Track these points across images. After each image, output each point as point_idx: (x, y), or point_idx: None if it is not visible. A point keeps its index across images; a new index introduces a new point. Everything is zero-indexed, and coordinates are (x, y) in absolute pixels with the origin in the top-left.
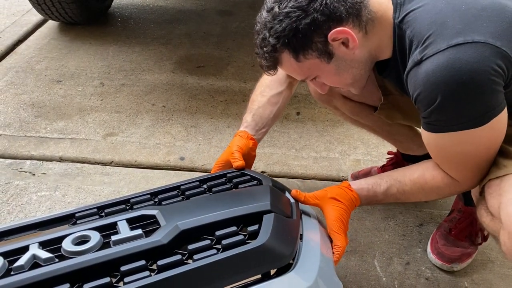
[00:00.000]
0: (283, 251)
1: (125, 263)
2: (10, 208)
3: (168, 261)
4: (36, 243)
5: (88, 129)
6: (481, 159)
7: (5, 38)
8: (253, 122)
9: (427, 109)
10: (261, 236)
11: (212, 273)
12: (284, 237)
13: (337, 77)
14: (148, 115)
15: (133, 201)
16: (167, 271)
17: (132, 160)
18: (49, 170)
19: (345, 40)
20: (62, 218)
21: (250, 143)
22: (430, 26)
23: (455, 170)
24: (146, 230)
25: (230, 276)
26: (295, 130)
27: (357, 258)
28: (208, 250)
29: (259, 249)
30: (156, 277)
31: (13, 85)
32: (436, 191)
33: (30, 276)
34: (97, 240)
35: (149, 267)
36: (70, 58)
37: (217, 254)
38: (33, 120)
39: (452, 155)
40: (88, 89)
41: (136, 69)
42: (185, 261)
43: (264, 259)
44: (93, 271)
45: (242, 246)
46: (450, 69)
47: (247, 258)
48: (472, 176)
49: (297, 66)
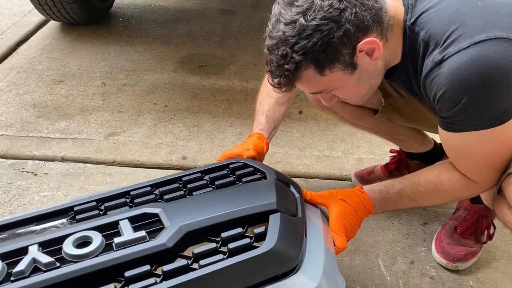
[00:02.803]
0: (291, 253)
1: (129, 268)
2: (12, 209)
3: (173, 266)
4: (36, 244)
5: (90, 129)
6: (503, 158)
7: (6, 38)
8: (267, 125)
9: (452, 108)
10: (268, 239)
11: (219, 280)
12: (291, 238)
13: (356, 88)
14: (150, 115)
15: (134, 193)
16: (173, 279)
17: (135, 160)
18: (51, 170)
19: (370, 50)
20: (60, 212)
21: (264, 148)
22: (449, 26)
23: (475, 170)
24: (149, 231)
25: (237, 282)
26: (297, 129)
27: (361, 257)
28: (214, 255)
29: (267, 254)
30: (162, 285)
31: (15, 86)
32: (452, 192)
33: (31, 283)
34: (99, 242)
35: (154, 272)
36: (71, 58)
37: (224, 260)
38: (35, 120)
39: (473, 155)
40: (90, 89)
41: (138, 69)
42: (191, 266)
43: (272, 264)
44: (96, 277)
45: (250, 252)
46: (476, 66)
47: (255, 264)
48: (493, 176)
49: (319, 80)
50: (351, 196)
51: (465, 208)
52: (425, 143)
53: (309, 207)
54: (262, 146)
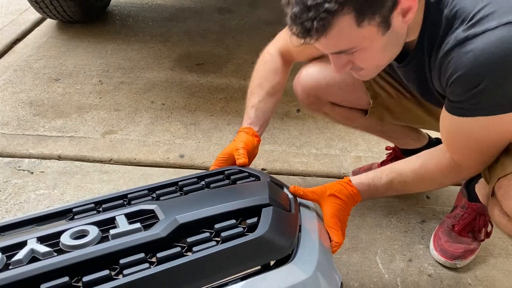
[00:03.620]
0: (282, 242)
1: (124, 256)
2: (9, 207)
3: (167, 253)
4: (34, 238)
5: (87, 127)
6: (500, 146)
7: (2, 36)
8: (257, 118)
9: (468, 91)
10: (260, 228)
11: (211, 264)
12: (283, 229)
13: (381, 54)
14: (147, 113)
15: (131, 196)
16: (167, 263)
17: (131, 158)
18: (48, 168)
19: (406, 10)
20: (59, 213)
21: (255, 140)
22: (477, 3)
23: (469, 156)
24: (144, 224)
25: (229, 267)
26: (295, 127)
27: (359, 255)
28: (207, 242)
29: (258, 240)
30: (156, 269)
31: (11, 84)
32: (439, 179)
33: (28, 269)
34: (95, 234)
35: (148, 259)
36: (68, 57)
37: (216, 246)
38: (32, 119)
39: (473, 140)
40: (87, 87)
41: (135, 67)
42: (184, 254)
43: (263, 251)
44: (92, 264)
45: (241, 238)
46: (502, 48)
47: (246, 249)
48: (483, 162)
49: (353, 33)
50: (342, 190)
51: (463, 206)
52: (419, 139)
53: (303, 205)
54: (253, 141)
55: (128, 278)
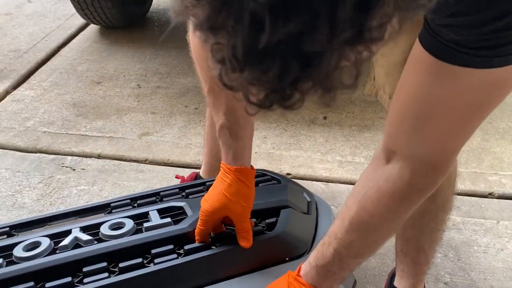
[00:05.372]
0: (298, 242)
1: (155, 247)
2: (52, 200)
3: (193, 246)
4: (78, 227)
5: (125, 128)
6: (482, 118)
7: (50, 41)
8: (249, 151)
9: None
10: (278, 227)
11: (232, 257)
12: (299, 229)
13: None
14: (181, 117)
15: (163, 194)
16: (193, 254)
17: (165, 159)
18: (88, 166)
19: None
20: (99, 207)
21: (252, 181)
22: None
23: (455, 139)
24: (174, 219)
25: (248, 261)
26: (321, 134)
27: (377, 260)
28: (230, 238)
29: (275, 239)
30: (183, 259)
31: (56, 86)
32: (395, 211)
33: (73, 254)
34: (131, 226)
35: (176, 251)
36: (109, 61)
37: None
38: (75, 119)
39: (478, 107)
40: (126, 90)
41: (171, 72)
42: (209, 246)
43: (280, 248)
44: (127, 252)
45: (260, 235)
46: None
47: (264, 246)
48: (457, 150)
49: None
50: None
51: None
52: None
53: (322, 208)
54: (248, 190)
55: (158, 266)
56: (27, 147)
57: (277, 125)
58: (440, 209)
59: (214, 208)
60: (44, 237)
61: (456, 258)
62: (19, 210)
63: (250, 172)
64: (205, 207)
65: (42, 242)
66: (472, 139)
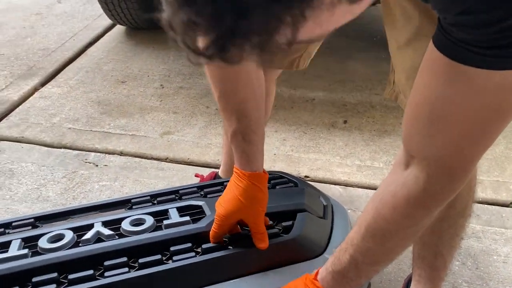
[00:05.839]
0: (313, 245)
1: (174, 244)
2: (75, 194)
3: (211, 245)
4: (100, 222)
5: (147, 127)
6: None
7: (78, 40)
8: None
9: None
10: (294, 230)
11: (248, 258)
12: (315, 233)
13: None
14: (202, 117)
15: (182, 192)
16: (210, 253)
17: (185, 158)
18: (111, 162)
19: None
20: (120, 203)
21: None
22: None
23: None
24: (193, 218)
25: (264, 263)
26: (341, 138)
27: (393, 265)
28: (246, 239)
29: (291, 242)
30: (201, 258)
31: (83, 84)
32: (412, 217)
33: (95, 248)
34: (151, 223)
35: (194, 249)
36: (134, 61)
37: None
38: (99, 117)
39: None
40: (149, 90)
41: (194, 73)
42: (226, 247)
43: (295, 251)
44: (147, 248)
45: (276, 238)
46: None
47: (280, 248)
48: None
49: None
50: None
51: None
52: None
53: (338, 212)
54: (262, 195)
55: (176, 264)
56: (52, 143)
57: (297, 127)
58: (459, 215)
59: (229, 212)
60: (68, 230)
61: (474, 267)
62: (43, 203)
63: (264, 177)
64: (220, 212)
65: (66, 235)
66: (495, 147)
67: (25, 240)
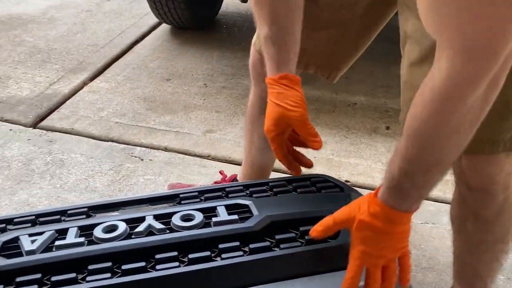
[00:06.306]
0: None
1: (223, 242)
2: (121, 187)
3: (258, 245)
4: (151, 215)
5: (191, 124)
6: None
7: (125, 37)
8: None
9: None
10: (341, 236)
11: (294, 262)
12: None
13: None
14: (243, 117)
15: (228, 190)
16: (257, 254)
17: (227, 156)
18: (155, 157)
19: None
20: (169, 197)
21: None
22: None
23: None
24: (241, 217)
25: (309, 267)
26: (383, 144)
27: (435, 276)
28: (293, 242)
29: (338, 248)
30: (248, 257)
31: (129, 80)
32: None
33: (147, 241)
34: (200, 219)
35: (242, 248)
36: (179, 60)
37: (301, 246)
38: (145, 112)
39: None
40: (193, 88)
41: (236, 74)
42: (272, 248)
43: (341, 258)
44: (197, 244)
45: (323, 243)
46: None
47: (326, 254)
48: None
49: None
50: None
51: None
52: None
53: None
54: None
55: (225, 262)
56: (100, 136)
57: (338, 131)
58: (498, 240)
59: (273, 119)
60: (121, 221)
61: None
62: (91, 193)
63: (295, 78)
64: (266, 126)
65: (119, 226)
66: None
67: (81, 229)
